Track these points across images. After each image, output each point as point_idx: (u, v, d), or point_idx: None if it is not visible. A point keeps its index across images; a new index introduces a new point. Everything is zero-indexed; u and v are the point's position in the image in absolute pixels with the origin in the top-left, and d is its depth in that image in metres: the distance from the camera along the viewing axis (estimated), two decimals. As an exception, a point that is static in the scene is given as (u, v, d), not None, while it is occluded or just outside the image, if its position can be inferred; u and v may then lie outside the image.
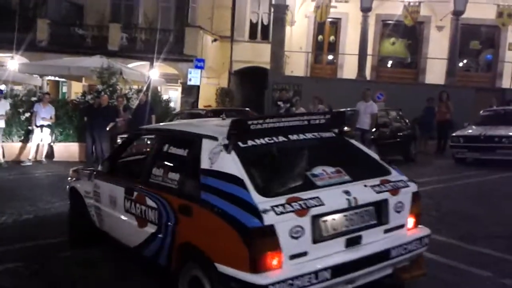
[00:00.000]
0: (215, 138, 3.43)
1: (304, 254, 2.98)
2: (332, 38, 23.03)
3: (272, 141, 3.53)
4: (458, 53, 20.33)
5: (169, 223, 3.50)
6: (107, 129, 11.80)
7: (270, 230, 2.85)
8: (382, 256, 3.30)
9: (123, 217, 4.12)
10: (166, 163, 3.83)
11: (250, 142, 3.42)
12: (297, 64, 22.14)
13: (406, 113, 13.10)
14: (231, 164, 3.21)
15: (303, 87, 18.85)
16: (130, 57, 19.49)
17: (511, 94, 17.88)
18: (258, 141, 3.47)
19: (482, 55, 22.63)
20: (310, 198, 3.08)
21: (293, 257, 2.94)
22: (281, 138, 3.58)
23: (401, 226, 3.54)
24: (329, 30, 23.02)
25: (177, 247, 3.41)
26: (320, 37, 23.07)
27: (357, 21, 20.80)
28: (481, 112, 12.88)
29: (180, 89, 21.12)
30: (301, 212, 2.98)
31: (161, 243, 3.59)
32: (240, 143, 3.38)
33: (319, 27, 22.66)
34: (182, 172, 3.58)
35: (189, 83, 18.01)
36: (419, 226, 3.70)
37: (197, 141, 3.54)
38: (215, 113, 12.25)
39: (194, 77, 17.68)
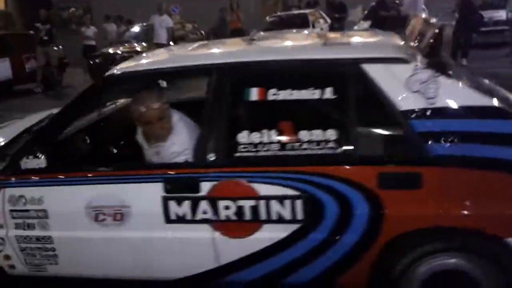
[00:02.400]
0: (402, 60, 2.25)
1: None
2: None
3: None
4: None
5: (352, 213, 2.22)
6: None
7: None
8: None
9: (162, 235, 2.43)
10: (271, 118, 2.31)
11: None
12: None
13: (202, 24, 13.38)
14: (464, 91, 2.23)
15: (93, 4, 17.55)
16: None
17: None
18: None
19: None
20: None
21: None
22: None
23: None
24: None
25: (382, 244, 2.23)
26: None
27: None
28: (267, 18, 13.92)
29: None
30: None
31: (318, 248, 2.30)
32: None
33: None
34: (337, 126, 2.24)
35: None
36: None
37: (351, 71, 2.26)
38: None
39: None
